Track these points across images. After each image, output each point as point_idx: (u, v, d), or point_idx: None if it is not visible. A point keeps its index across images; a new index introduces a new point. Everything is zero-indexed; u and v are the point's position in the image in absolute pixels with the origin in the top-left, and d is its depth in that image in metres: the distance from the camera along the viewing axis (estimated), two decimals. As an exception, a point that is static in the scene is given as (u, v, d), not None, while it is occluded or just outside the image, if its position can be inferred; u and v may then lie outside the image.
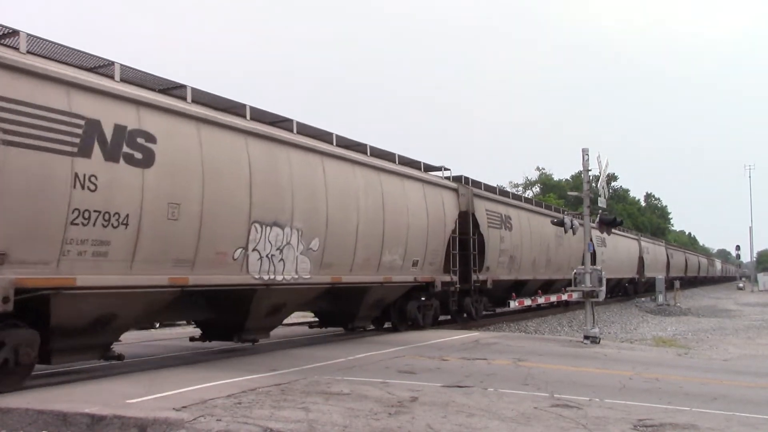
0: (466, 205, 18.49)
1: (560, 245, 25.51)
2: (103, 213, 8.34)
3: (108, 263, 8.50)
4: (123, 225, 8.60)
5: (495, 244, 19.91)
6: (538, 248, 23.64)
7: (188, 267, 9.70)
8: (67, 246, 7.95)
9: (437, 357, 11.44)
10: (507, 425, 6.43)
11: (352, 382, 8.63)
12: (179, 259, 9.56)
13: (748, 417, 7.28)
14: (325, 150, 12.94)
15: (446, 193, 17.81)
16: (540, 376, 9.64)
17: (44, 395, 7.48)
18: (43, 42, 8.33)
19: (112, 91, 8.70)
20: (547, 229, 23.75)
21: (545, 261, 24.42)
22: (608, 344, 15.33)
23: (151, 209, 8.99)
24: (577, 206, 37.80)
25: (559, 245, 25.41)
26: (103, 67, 9.11)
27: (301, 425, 6.19)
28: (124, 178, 8.65)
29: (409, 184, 15.91)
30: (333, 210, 12.73)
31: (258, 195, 10.88)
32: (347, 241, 13.25)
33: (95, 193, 8.24)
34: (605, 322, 24.28)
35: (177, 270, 9.54)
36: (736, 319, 28.22)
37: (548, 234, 24.22)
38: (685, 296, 44.49)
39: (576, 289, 15.86)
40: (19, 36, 7.93)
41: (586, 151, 15.75)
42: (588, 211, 16.27)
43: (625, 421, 6.74)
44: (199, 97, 10.48)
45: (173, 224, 9.34)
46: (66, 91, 8.11)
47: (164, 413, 6.47)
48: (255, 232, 10.86)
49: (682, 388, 9.18)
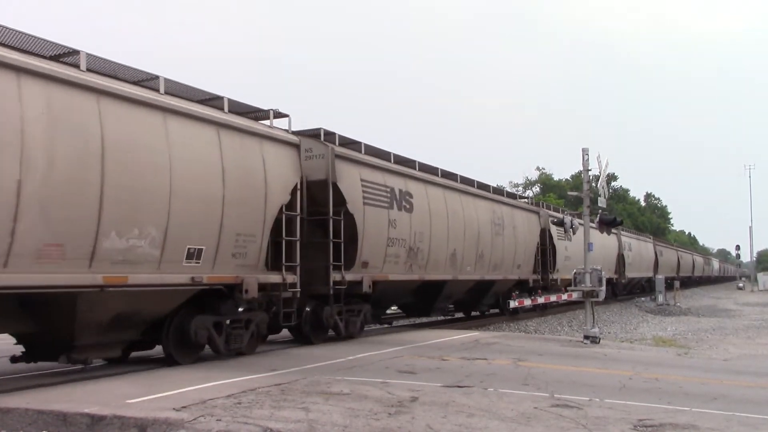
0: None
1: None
2: None
3: None
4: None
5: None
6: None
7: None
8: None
9: (437, 357, 11.44)
10: (507, 425, 6.42)
11: (352, 382, 8.63)
12: None
13: (748, 417, 7.28)
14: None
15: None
16: (540, 376, 9.64)
17: (44, 395, 7.48)
18: None
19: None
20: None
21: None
22: (608, 344, 15.34)
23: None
24: (577, 206, 37.83)
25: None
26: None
27: (301, 425, 6.19)
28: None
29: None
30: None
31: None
32: None
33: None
34: (605, 322, 24.29)
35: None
36: (736, 318, 28.24)
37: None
38: (685, 296, 44.50)
39: (576, 289, 15.88)
40: None
41: (586, 150, 15.77)
42: (588, 211, 16.29)
43: (625, 421, 6.74)
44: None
45: None
46: None
47: (164, 413, 6.46)
48: None
49: (682, 388, 9.18)
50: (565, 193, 53.51)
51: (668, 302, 35.01)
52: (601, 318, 23.26)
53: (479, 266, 19.06)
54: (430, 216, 16.23)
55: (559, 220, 18.93)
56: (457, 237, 17.62)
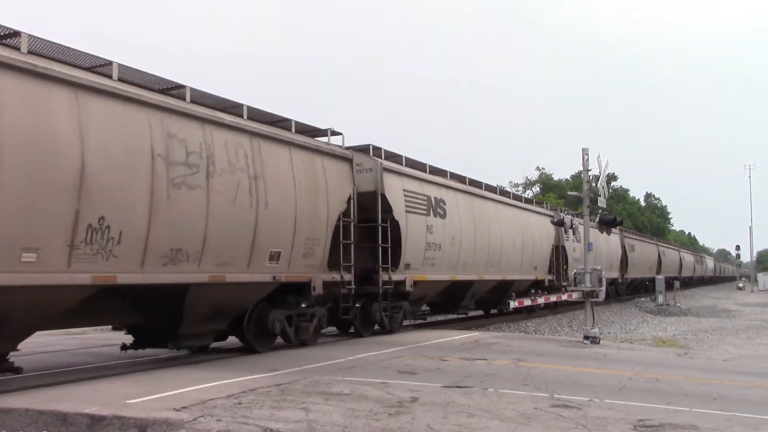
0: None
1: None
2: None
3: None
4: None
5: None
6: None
7: None
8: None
9: (437, 357, 11.44)
10: (507, 425, 6.43)
11: (352, 382, 8.63)
12: None
13: (748, 417, 7.28)
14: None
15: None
16: (540, 376, 9.64)
17: (44, 395, 7.49)
18: None
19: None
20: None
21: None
22: (608, 344, 15.34)
23: None
24: (577, 206, 37.84)
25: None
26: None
27: (301, 425, 6.19)
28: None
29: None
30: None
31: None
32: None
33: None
34: (605, 322, 24.31)
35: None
36: (735, 319, 28.25)
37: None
38: (685, 296, 44.53)
39: (576, 289, 15.89)
40: None
41: (586, 150, 15.76)
42: (588, 211, 16.29)
43: (625, 421, 6.74)
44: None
45: None
46: None
47: (164, 413, 6.47)
48: None
49: (682, 388, 9.19)
50: (565, 193, 53.50)
51: (668, 302, 35.01)
52: (601, 318, 23.28)
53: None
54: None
55: (559, 220, 18.93)
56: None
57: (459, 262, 17.86)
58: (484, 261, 19.48)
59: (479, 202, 19.68)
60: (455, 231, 17.60)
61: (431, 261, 16.45)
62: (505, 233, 20.88)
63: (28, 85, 7.83)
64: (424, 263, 16.12)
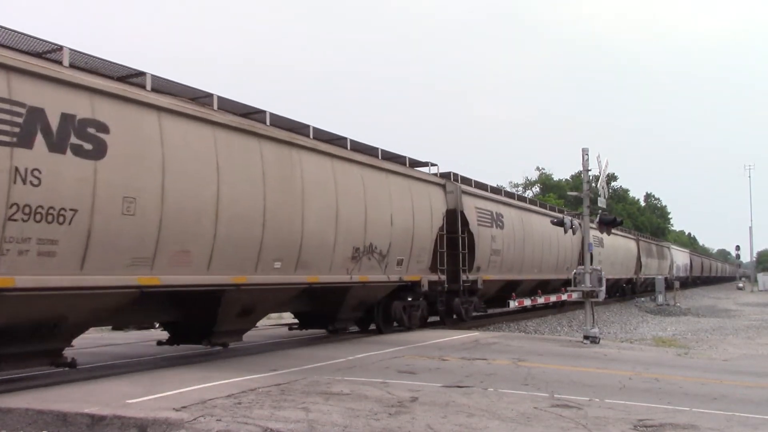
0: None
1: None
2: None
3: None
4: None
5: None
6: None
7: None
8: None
9: (437, 357, 11.44)
10: (507, 425, 6.43)
11: (352, 382, 8.63)
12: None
13: (748, 417, 7.28)
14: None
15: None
16: (540, 376, 9.64)
17: (44, 395, 7.48)
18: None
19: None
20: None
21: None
22: (608, 344, 15.33)
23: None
24: (577, 206, 37.79)
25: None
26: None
27: (301, 425, 6.19)
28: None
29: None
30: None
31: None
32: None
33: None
34: (605, 322, 24.30)
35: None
36: (735, 319, 28.24)
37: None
38: (685, 296, 44.51)
39: (576, 289, 15.87)
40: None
41: (586, 150, 15.75)
42: (588, 211, 16.27)
43: (625, 421, 6.74)
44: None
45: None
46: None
47: (164, 413, 6.47)
48: None
49: (682, 388, 9.18)
50: (565, 194, 53.47)
51: (668, 302, 35.01)
52: (600, 318, 23.28)
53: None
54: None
55: (558, 221, 18.94)
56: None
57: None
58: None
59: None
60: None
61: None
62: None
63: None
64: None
